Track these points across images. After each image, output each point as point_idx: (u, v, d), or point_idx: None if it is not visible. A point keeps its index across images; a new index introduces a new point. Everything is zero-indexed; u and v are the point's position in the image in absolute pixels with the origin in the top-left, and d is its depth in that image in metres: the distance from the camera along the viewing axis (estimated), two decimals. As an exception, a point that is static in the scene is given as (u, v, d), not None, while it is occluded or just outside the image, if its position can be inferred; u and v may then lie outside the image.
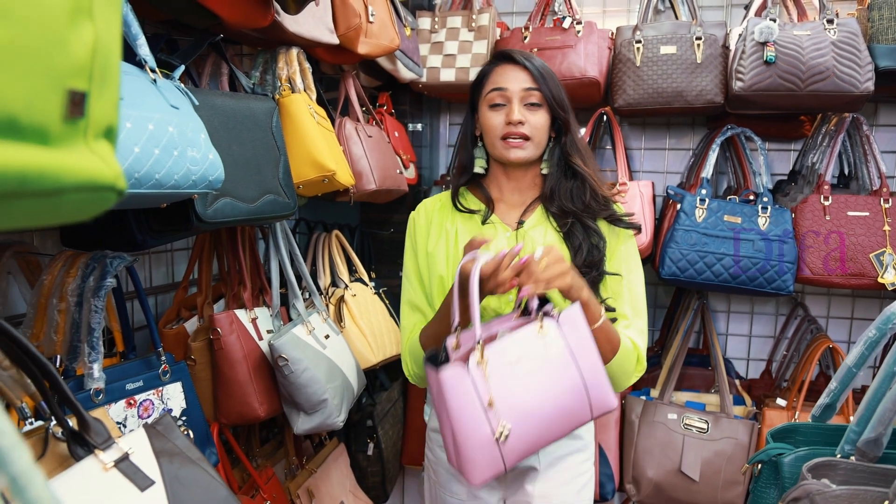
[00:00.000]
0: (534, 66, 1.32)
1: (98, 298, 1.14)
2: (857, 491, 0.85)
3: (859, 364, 1.01)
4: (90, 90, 0.42)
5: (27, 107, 0.35)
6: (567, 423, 1.16)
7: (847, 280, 2.05)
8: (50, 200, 0.39)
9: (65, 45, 0.38)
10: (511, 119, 1.30)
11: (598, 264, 1.31)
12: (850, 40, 1.94)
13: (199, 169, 1.01)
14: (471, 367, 1.08)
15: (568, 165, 1.35)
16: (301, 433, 1.53)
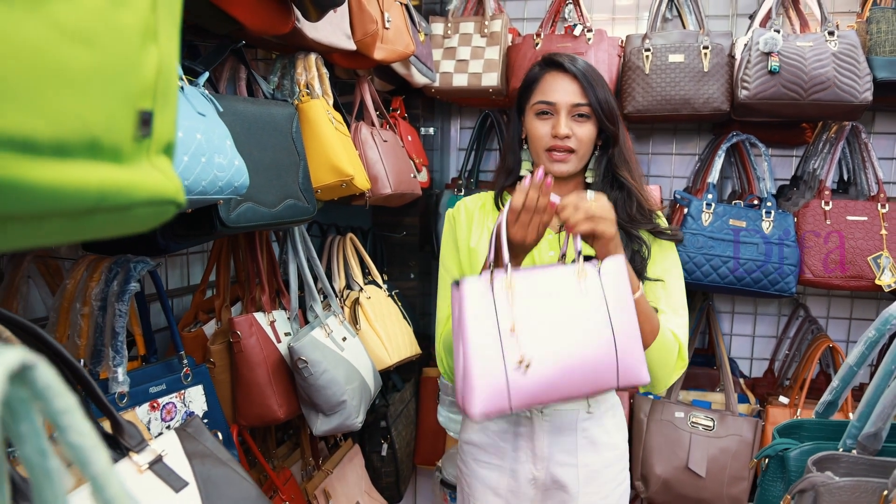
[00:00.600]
0: (584, 77, 1.29)
1: (122, 302, 1.17)
2: (859, 482, 0.89)
3: (860, 363, 1.05)
4: (155, 109, 0.46)
5: (107, 128, 0.39)
6: (589, 381, 1.05)
7: (846, 282, 2.11)
8: (120, 215, 0.43)
9: (137, 67, 0.42)
10: (557, 133, 1.28)
11: (640, 271, 1.29)
12: (849, 52, 1.99)
13: (225, 175, 1.05)
14: (495, 287, 1.03)
15: (615, 177, 1.34)
16: (320, 434, 1.57)
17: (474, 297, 1.03)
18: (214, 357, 1.48)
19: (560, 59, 1.32)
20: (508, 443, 1.36)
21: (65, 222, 0.37)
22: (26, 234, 0.35)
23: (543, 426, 1.33)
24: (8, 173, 0.31)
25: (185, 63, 1.21)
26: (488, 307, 1.02)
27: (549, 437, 1.34)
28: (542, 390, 1.02)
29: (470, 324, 1.01)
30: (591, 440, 1.35)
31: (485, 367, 1.00)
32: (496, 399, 1.00)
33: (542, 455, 1.34)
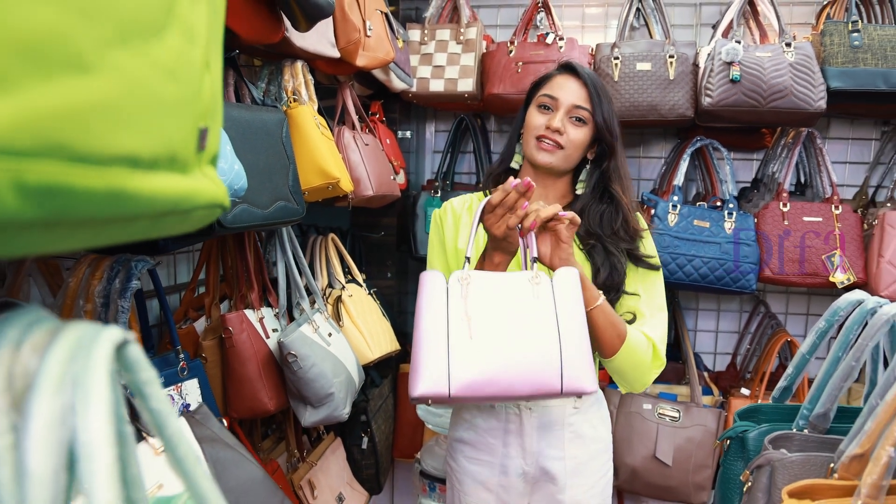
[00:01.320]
0: (593, 86, 1.33)
1: (124, 299, 1.22)
2: (809, 457, 0.99)
3: (811, 351, 1.15)
4: (209, 126, 0.53)
5: (182, 145, 0.46)
6: (530, 382, 1.08)
7: (803, 279, 2.21)
8: (184, 217, 0.50)
9: (199, 93, 0.49)
10: (550, 125, 1.32)
11: (617, 286, 1.32)
12: (805, 62, 2.10)
13: (226, 179, 1.11)
14: (451, 278, 1.09)
15: (606, 189, 1.36)
16: (308, 425, 1.63)
17: (431, 288, 1.10)
18: (206, 352, 1.53)
19: (575, 66, 1.37)
20: (498, 439, 1.39)
21: (147, 223, 0.44)
22: (119, 233, 0.42)
23: (532, 422, 1.37)
24: (119, 184, 0.38)
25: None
26: (440, 295, 1.09)
27: (537, 433, 1.38)
28: (482, 383, 1.06)
29: (423, 312, 1.08)
30: (577, 434, 1.39)
31: (429, 353, 1.06)
32: (437, 384, 1.05)
33: (531, 450, 1.38)
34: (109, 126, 0.36)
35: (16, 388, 0.34)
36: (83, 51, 0.34)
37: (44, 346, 0.36)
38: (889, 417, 0.84)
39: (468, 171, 2.80)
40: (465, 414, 1.45)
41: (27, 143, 0.30)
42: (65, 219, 0.34)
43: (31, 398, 0.33)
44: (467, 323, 1.07)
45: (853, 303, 1.08)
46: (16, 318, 0.36)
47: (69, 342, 0.36)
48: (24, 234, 0.33)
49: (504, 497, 1.40)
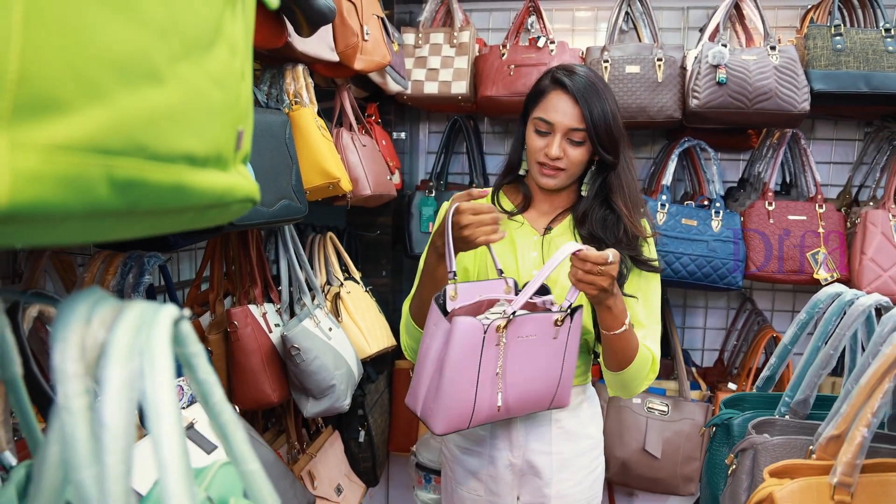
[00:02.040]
0: (584, 99, 1.30)
1: (137, 294, 1.26)
2: (790, 440, 1.05)
3: (793, 341, 1.21)
4: (244, 128, 0.58)
5: (225, 144, 0.52)
6: (530, 407, 1.23)
7: (788, 276, 2.27)
8: (224, 210, 0.55)
9: (238, 98, 0.55)
10: (549, 153, 1.33)
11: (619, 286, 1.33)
12: (789, 65, 2.15)
13: (237, 178, 1.16)
14: (488, 331, 1.13)
15: (607, 198, 1.37)
16: (311, 416, 1.68)
17: (468, 337, 1.12)
18: (211, 346, 1.58)
19: (563, 79, 1.33)
20: (486, 430, 1.43)
21: (195, 214, 0.49)
22: (173, 223, 0.48)
23: (519, 418, 1.40)
24: (181, 179, 0.43)
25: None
26: (474, 355, 1.13)
27: (524, 428, 1.41)
28: (496, 416, 1.20)
29: (453, 364, 1.12)
30: (565, 430, 1.42)
31: (457, 401, 1.14)
32: (458, 422, 1.17)
33: (518, 444, 1.41)
34: (175, 129, 0.42)
35: (88, 358, 0.39)
36: (158, 64, 0.39)
37: (111, 320, 0.41)
38: (863, 400, 0.90)
39: (461, 172, 2.85)
40: None
41: (117, 143, 0.36)
42: (138, 208, 0.39)
43: (105, 364, 0.38)
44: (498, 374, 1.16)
45: (832, 295, 1.14)
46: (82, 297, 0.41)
47: (134, 317, 0.41)
48: (106, 221, 0.38)
49: (493, 487, 1.43)
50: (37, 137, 0.31)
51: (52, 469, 0.42)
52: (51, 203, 0.32)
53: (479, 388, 1.16)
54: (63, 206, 0.33)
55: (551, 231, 1.43)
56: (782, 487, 0.90)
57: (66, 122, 0.33)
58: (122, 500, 0.37)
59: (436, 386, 1.15)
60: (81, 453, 0.37)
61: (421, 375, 1.18)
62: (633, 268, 1.39)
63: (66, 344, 0.38)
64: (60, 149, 0.33)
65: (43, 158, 0.32)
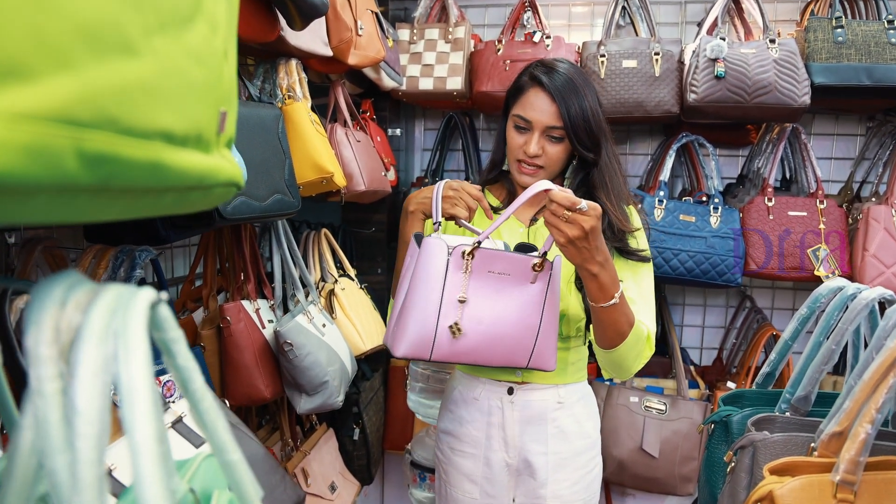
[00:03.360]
0: (561, 97, 1.29)
1: (127, 287, 1.26)
2: (790, 437, 1.03)
3: (793, 337, 1.20)
4: (228, 110, 0.56)
5: (206, 125, 0.50)
6: (501, 355, 1.17)
7: (788, 273, 2.24)
8: (206, 193, 0.53)
9: (221, 78, 0.53)
10: (527, 151, 1.33)
11: None
12: (789, 59, 2.13)
13: (228, 170, 1.14)
14: (454, 253, 1.12)
15: (590, 194, 1.36)
16: (304, 413, 1.66)
17: (431, 260, 1.12)
18: (204, 342, 1.56)
19: (541, 77, 1.32)
20: (481, 431, 1.41)
21: (176, 196, 0.47)
22: (152, 205, 0.45)
23: (515, 416, 1.38)
24: (157, 156, 0.41)
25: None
26: (439, 274, 1.12)
27: (520, 427, 1.39)
28: (461, 352, 1.15)
29: (420, 281, 1.12)
30: (561, 429, 1.40)
31: (420, 321, 1.12)
32: (419, 348, 1.13)
33: (513, 443, 1.39)
34: (150, 104, 0.39)
35: (62, 341, 0.38)
36: (131, 36, 0.37)
37: (86, 303, 0.39)
38: (866, 396, 0.88)
39: (457, 169, 2.83)
40: (450, 405, 1.48)
41: (86, 115, 0.34)
42: (112, 185, 0.37)
43: (78, 347, 0.36)
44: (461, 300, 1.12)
45: (834, 289, 1.12)
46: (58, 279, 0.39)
47: (109, 300, 0.39)
48: (79, 198, 0.36)
49: (489, 489, 1.41)
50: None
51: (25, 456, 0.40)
52: (16, 174, 0.30)
53: (442, 313, 1.13)
54: (29, 177, 0.31)
55: (537, 222, 1.43)
56: (782, 485, 0.89)
57: (31, 90, 0.31)
58: (94, 486, 0.35)
59: (402, 308, 1.14)
60: (54, 439, 0.36)
61: (396, 303, 1.18)
62: (619, 258, 1.37)
63: (40, 327, 0.36)
64: (25, 117, 0.31)
65: (6, 126, 0.30)
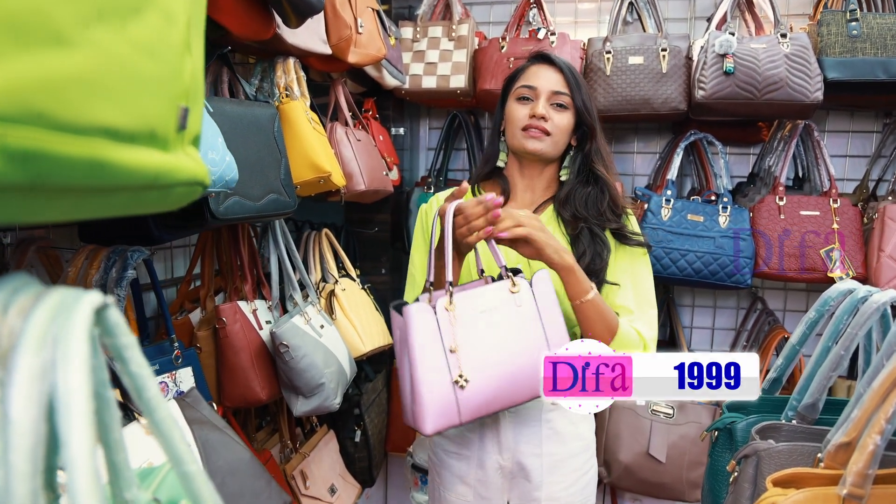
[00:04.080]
0: (568, 71, 1.35)
1: (120, 288, 1.23)
2: (796, 446, 0.99)
3: (801, 341, 1.15)
4: (190, 107, 0.53)
5: (161, 122, 0.47)
6: (528, 388, 1.13)
7: (800, 275, 2.18)
8: (165, 192, 0.51)
9: (180, 73, 0.50)
10: (535, 112, 1.32)
11: (598, 272, 1.30)
12: (801, 53, 2.08)
13: (217, 170, 1.12)
14: (438, 309, 1.08)
15: (590, 171, 1.36)
16: (300, 415, 1.64)
17: (419, 323, 1.07)
18: (201, 343, 1.54)
19: (547, 53, 1.39)
20: (475, 433, 1.38)
21: (128, 196, 0.45)
22: (100, 206, 0.43)
23: (507, 417, 1.35)
24: (99, 153, 0.38)
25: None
26: (433, 332, 1.08)
27: (513, 428, 1.36)
28: (487, 401, 1.10)
29: (417, 350, 1.07)
30: (555, 431, 1.37)
31: (433, 389, 1.06)
32: (447, 416, 1.08)
33: (507, 445, 1.36)
34: (87, 98, 0.37)
35: (2, 347, 0.35)
36: (62, 27, 0.34)
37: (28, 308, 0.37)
38: (876, 405, 0.84)
39: (462, 168, 2.80)
40: None
41: (8, 109, 0.31)
42: (47, 184, 0.35)
43: (15, 354, 0.34)
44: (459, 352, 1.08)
45: (844, 292, 1.08)
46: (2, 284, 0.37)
47: (52, 304, 0.37)
48: (9, 198, 0.34)
49: (482, 492, 1.39)
50: None
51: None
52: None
53: (452, 370, 1.09)
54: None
55: None
56: (787, 497, 0.85)
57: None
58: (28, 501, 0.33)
59: (411, 384, 1.08)
60: (-11, 447, 0.34)
61: (403, 384, 1.12)
62: (618, 246, 1.36)
63: (-22, 332, 0.35)
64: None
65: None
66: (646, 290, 1.36)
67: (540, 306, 1.15)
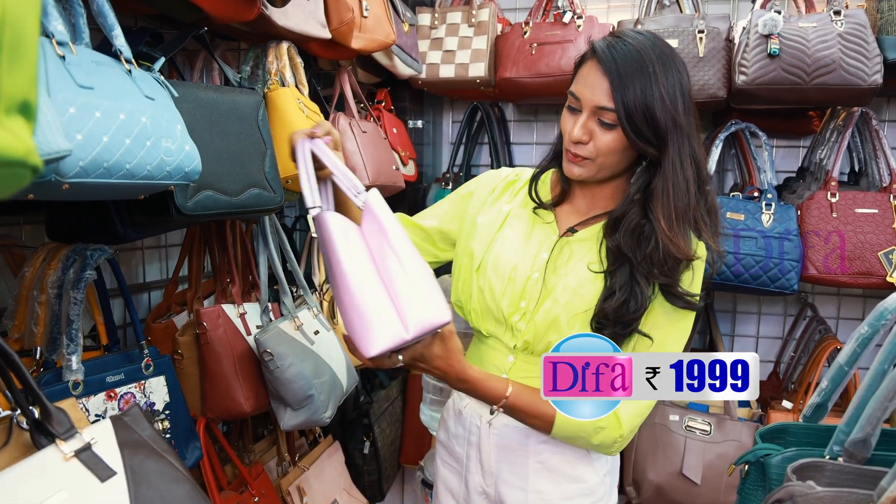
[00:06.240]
0: (617, 74, 1.04)
1: (77, 290, 1.15)
2: (841, 493, 0.82)
3: (851, 362, 0.98)
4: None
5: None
6: None
7: (854, 279, 2.00)
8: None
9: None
10: (570, 136, 1.10)
11: (628, 323, 1.09)
12: (857, 32, 1.90)
13: (173, 160, 1.00)
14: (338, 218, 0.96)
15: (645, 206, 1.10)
16: (287, 429, 1.52)
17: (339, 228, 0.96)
18: (182, 348, 1.45)
19: (598, 46, 1.09)
20: (463, 449, 1.27)
21: None
22: None
23: (491, 439, 1.22)
24: None
25: (144, 49, 1.16)
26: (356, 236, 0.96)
27: (497, 453, 1.22)
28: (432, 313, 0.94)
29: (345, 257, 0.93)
30: (546, 466, 1.20)
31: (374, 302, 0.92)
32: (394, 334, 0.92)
33: (489, 470, 1.23)
34: None
35: None
36: None
37: None
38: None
39: (485, 164, 2.65)
40: (445, 415, 1.34)
41: None
42: None
43: None
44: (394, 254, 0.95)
45: (902, 304, 0.90)
46: None
47: None
48: None
49: None
50: None
51: None
52: None
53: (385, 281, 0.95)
54: None
55: (574, 233, 1.18)
56: (826, 565, 0.68)
57: None
58: None
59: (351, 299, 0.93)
60: None
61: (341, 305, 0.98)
62: (659, 297, 1.11)
63: None
64: None
65: None
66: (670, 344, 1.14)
67: None
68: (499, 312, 1.17)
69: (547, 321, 1.12)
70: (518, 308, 1.16)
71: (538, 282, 1.15)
